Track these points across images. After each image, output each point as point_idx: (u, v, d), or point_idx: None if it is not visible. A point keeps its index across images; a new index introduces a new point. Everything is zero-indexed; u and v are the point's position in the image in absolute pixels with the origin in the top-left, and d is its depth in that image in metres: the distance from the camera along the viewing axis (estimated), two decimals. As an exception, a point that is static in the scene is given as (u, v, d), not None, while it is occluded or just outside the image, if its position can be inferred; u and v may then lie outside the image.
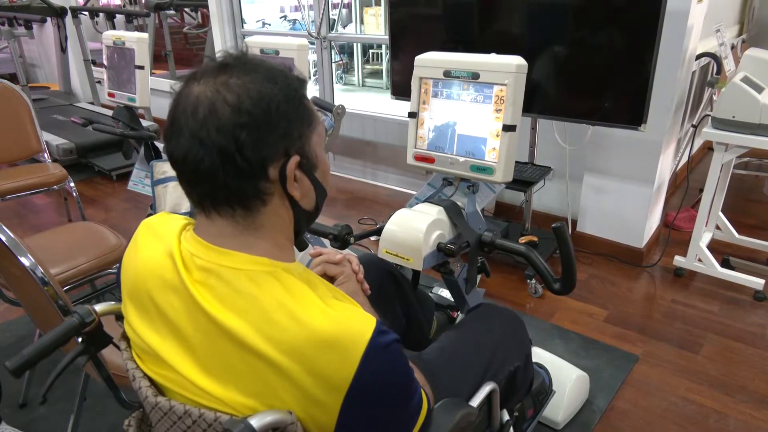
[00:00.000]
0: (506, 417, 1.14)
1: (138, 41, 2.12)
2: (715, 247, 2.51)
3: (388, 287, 1.29)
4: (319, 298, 0.66)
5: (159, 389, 0.73)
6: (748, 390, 1.78)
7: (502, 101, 1.16)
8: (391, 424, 0.72)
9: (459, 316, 1.47)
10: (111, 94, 2.25)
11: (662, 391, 1.78)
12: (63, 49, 5.01)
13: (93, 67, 4.97)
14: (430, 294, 1.78)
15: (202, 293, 0.66)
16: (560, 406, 1.62)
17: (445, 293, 1.17)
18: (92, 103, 5.05)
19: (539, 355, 1.73)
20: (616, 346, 2.00)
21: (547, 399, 1.51)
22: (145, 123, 2.36)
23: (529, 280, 2.35)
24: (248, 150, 0.63)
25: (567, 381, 1.66)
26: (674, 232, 2.77)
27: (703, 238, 2.37)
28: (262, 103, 0.64)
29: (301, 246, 1.20)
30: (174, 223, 0.75)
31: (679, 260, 2.43)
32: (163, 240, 0.73)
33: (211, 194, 0.66)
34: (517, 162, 2.56)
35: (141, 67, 2.12)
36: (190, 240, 0.70)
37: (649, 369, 1.88)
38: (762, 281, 2.25)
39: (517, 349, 1.13)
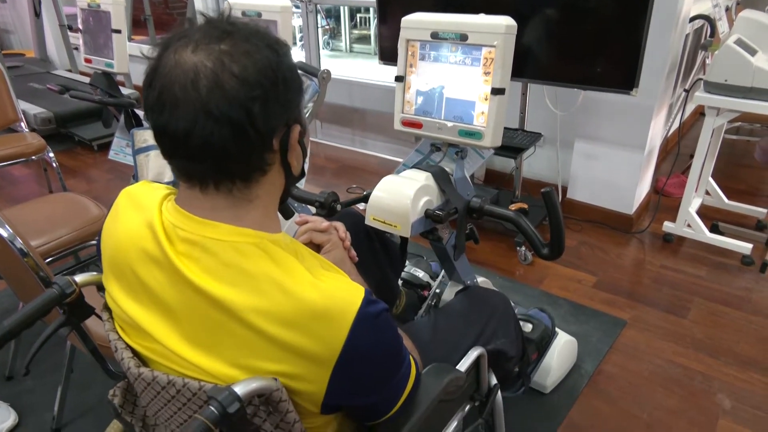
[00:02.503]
0: (494, 381, 1.16)
1: (114, 4, 2.05)
2: (704, 212, 2.53)
3: (360, 238, 1.30)
4: (306, 270, 0.66)
5: (143, 360, 0.73)
6: (733, 352, 1.82)
7: (490, 63, 1.14)
8: (380, 391, 0.73)
9: (429, 295, 1.48)
10: (88, 60, 2.19)
11: (649, 355, 1.82)
12: (37, 14, 4.86)
13: (69, 33, 4.84)
14: (404, 272, 1.78)
15: (187, 265, 0.65)
16: (549, 371, 1.66)
17: (419, 273, 1.17)
18: (70, 71, 4.93)
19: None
20: (605, 311, 2.04)
21: (550, 343, 1.53)
22: (125, 91, 2.31)
23: (518, 248, 2.37)
24: (260, 122, 0.62)
25: (555, 346, 1.69)
26: (664, 198, 2.80)
27: (692, 203, 2.39)
28: (269, 72, 0.63)
29: (287, 214, 1.19)
30: (155, 193, 0.74)
31: (668, 226, 2.46)
32: (144, 211, 0.72)
33: (215, 169, 0.65)
34: (507, 128, 2.54)
35: (118, 31, 2.06)
36: (172, 211, 0.69)
37: (636, 333, 1.92)
38: (750, 246, 2.28)
39: (503, 329, 1.15)
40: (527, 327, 1.57)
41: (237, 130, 0.61)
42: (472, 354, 1.03)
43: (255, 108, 0.61)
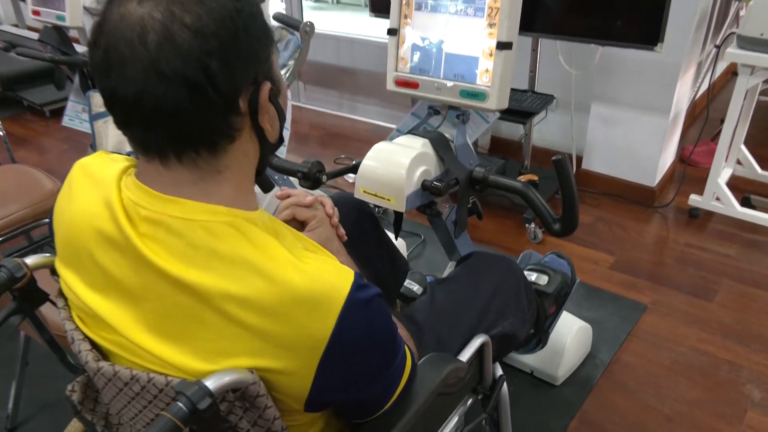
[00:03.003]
0: (499, 372, 1.17)
1: (64, -54, 2.00)
2: (735, 184, 2.54)
3: (366, 231, 1.29)
4: (287, 251, 0.65)
5: (103, 353, 0.73)
6: (764, 339, 1.85)
7: (496, 14, 1.12)
8: (372, 385, 0.73)
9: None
10: (36, 12, 2.15)
11: (671, 342, 1.84)
12: (-23, -40, 4.74)
13: (14, -18, 4.73)
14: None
15: (152, 248, 0.65)
16: (559, 361, 1.68)
17: (414, 286, 1.16)
18: (16, 26, 4.83)
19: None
20: (623, 294, 2.05)
21: (569, 293, 1.53)
22: (79, 48, 2.27)
23: (527, 224, 2.37)
24: (220, 80, 0.60)
25: (567, 333, 1.70)
26: (691, 169, 2.80)
27: (722, 174, 2.40)
28: (227, 22, 0.61)
29: (266, 187, 1.18)
30: (113, 166, 0.73)
31: (694, 199, 2.46)
32: (101, 186, 0.71)
33: (174, 138, 0.63)
34: (515, 90, 2.52)
35: (69, -22, 2.01)
36: (132, 187, 0.68)
37: (658, 319, 1.94)
38: (785, 221, 2.29)
39: (513, 303, 1.15)
40: (543, 279, 1.55)
41: (194, 90, 0.60)
42: (475, 342, 1.04)
43: (213, 63, 0.60)
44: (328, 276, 0.65)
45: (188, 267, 0.63)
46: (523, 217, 2.41)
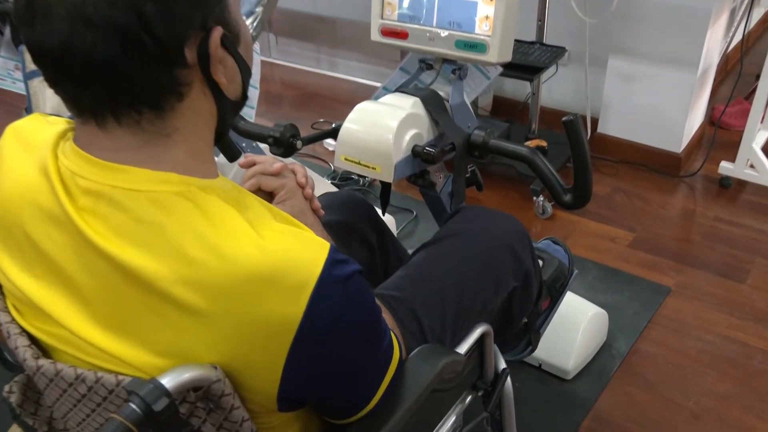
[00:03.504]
0: (502, 365, 1.18)
1: None
2: (771, 149, 2.56)
3: (363, 229, 1.29)
4: (247, 223, 0.65)
5: (43, 349, 0.73)
6: (802, 325, 1.88)
7: (498, -50, 1.11)
8: (353, 378, 0.73)
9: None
10: (-45, -49, 2.09)
11: (698, 329, 1.87)
12: None
13: None
14: None
15: (92, 225, 0.64)
16: (570, 352, 1.70)
17: None
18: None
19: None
20: (644, 276, 2.08)
21: (566, 285, 1.54)
22: (10, -6, 2.23)
23: (535, 197, 2.38)
24: (157, 26, 0.60)
25: (580, 321, 1.72)
26: (721, 132, 2.82)
27: (756, 138, 2.41)
28: None
29: (231, 154, 1.17)
30: (49, 130, 0.72)
31: (725, 167, 2.48)
32: (36, 153, 0.70)
33: (109, 95, 0.63)
34: (520, 41, 2.51)
35: None
36: (71, 154, 0.68)
37: (682, 303, 1.97)
38: (827, 191, 2.32)
39: (513, 267, 1.14)
40: None
41: (127, 39, 0.59)
42: (475, 332, 1.04)
43: (148, 7, 0.59)
44: (298, 249, 0.64)
45: (133, 246, 0.63)
46: (530, 188, 2.42)
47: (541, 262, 1.51)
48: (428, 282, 1.09)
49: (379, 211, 1.38)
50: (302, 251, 0.64)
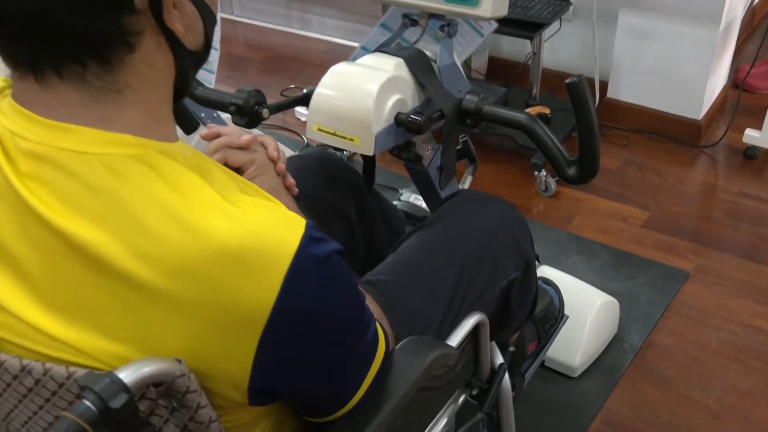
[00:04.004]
0: (499, 359, 1.20)
1: None
2: (802, 114, 2.59)
3: (339, 201, 1.30)
4: (216, 193, 0.66)
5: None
6: (835, 311, 1.91)
7: None
8: (332, 372, 0.75)
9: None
10: None
11: (719, 318, 1.90)
12: None
13: None
14: (397, 203, 1.78)
15: (36, 192, 0.65)
16: (577, 347, 1.72)
17: (420, 201, 1.16)
18: None
19: (548, 275, 1.80)
20: (659, 260, 2.11)
21: (555, 328, 1.57)
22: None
23: (537, 172, 2.40)
24: None
25: (588, 311, 1.75)
26: (746, 96, 2.81)
27: (786, 101, 2.43)
28: None
29: (189, 125, 1.18)
30: None
31: (751, 135, 2.50)
32: None
33: (48, 47, 0.63)
34: (519, -7, 2.52)
35: None
36: (9, 112, 0.68)
37: (702, 289, 2.00)
38: None
39: (513, 255, 1.17)
40: None
41: None
42: (468, 322, 1.06)
43: None
44: (271, 224, 0.65)
45: (84, 218, 0.63)
46: (531, 162, 2.43)
47: None
48: (421, 268, 1.11)
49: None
50: (276, 227, 0.66)
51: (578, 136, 1.07)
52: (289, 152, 2.06)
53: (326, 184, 1.29)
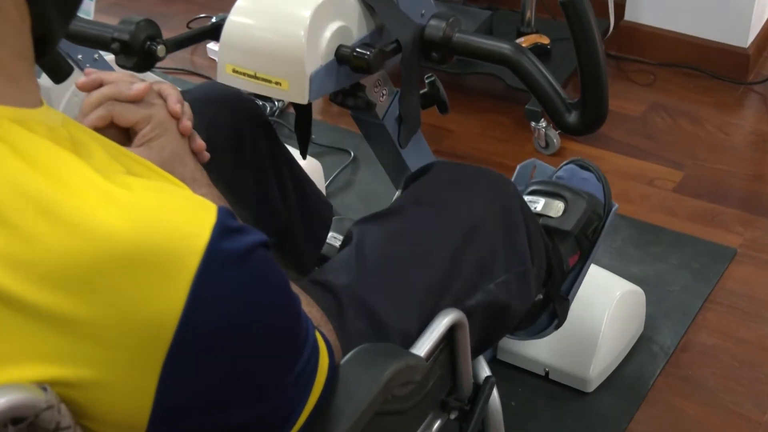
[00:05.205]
0: (485, 372, 1.21)
1: None
2: None
3: (255, 151, 1.30)
4: (97, 173, 0.65)
5: None
6: None
7: None
8: (261, 400, 0.75)
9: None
10: None
11: (775, 309, 1.92)
12: None
13: None
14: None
15: None
16: (592, 353, 1.73)
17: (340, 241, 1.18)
18: None
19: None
20: (697, 234, 2.12)
21: (602, 229, 1.52)
22: None
23: (534, 122, 2.40)
24: None
25: (605, 305, 1.76)
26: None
27: None
28: None
29: (60, 72, 1.17)
30: None
31: (814, 67, 2.54)
32: None
33: None
34: None
35: None
36: None
37: (753, 271, 2.02)
38: None
39: (504, 251, 1.18)
40: (554, 207, 1.50)
41: None
42: (440, 322, 1.06)
43: None
44: (172, 213, 0.66)
45: None
46: (526, 109, 2.43)
47: (562, 205, 1.50)
48: (385, 266, 1.12)
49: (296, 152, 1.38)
50: (178, 216, 0.66)
51: (579, 71, 1.07)
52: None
53: (230, 134, 1.28)
